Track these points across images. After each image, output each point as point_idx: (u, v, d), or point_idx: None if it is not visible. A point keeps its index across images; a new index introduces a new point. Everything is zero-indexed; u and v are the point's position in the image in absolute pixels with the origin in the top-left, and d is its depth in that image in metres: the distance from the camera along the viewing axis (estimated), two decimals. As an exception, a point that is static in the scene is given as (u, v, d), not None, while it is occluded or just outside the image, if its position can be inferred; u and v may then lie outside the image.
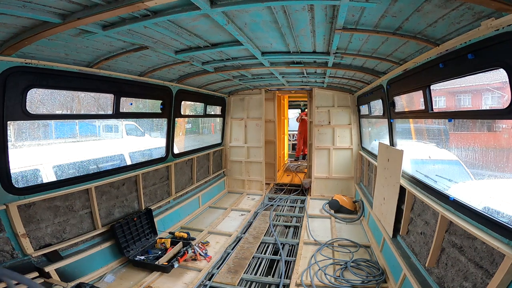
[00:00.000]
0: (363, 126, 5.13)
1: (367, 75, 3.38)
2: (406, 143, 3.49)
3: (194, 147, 4.91)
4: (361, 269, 2.89)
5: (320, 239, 3.59)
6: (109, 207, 3.04)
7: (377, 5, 1.56)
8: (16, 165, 3.84)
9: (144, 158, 6.76)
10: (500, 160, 2.46)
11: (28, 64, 2.07)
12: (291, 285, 2.65)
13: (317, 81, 4.71)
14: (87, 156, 5.62)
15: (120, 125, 8.17)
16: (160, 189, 3.92)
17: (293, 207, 5.05)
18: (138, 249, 3.08)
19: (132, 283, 2.64)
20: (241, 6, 1.63)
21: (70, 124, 7.34)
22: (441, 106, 3.27)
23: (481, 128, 2.70)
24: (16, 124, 4.94)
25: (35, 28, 1.70)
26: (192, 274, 2.83)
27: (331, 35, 2.16)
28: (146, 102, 6.79)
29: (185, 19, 1.88)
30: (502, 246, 1.39)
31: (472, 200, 1.88)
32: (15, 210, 2.12)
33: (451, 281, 1.85)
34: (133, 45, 2.28)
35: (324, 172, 5.49)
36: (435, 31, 1.75)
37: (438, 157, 3.57)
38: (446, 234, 1.99)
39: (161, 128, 7.66)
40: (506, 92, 1.45)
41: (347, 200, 4.60)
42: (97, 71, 2.60)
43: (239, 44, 2.37)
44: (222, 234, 3.81)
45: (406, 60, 2.44)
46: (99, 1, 1.50)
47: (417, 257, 2.40)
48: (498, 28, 1.35)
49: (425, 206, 2.35)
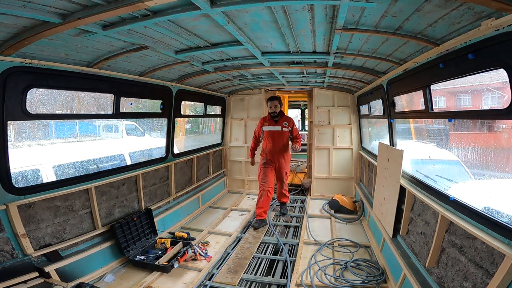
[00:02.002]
0: (363, 126, 5.13)
1: (367, 75, 3.38)
2: (406, 143, 3.50)
3: (194, 147, 4.91)
4: (361, 269, 2.89)
5: (320, 239, 3.59)
6: (109, 207, 3.04)
7: (377, 5, 1.56)
8: (16, 165, 3.85)
9: (144, 158, 6.76)
10: (500, 160, 2.46)
11: (28, 64, 2.07)
12: (291, 285, 2.65)
13: (317, 81, 4.71)
14: (87, 156, 5.63)
15: (120, 125, 8.18)
16: (160, 189, 3.92)
17: (293, 207, 5.05)
18: (138, 249, 3.08)
19: (132, 283, 2.64)
20: (241, 6, 1.63)
21: (70, 124, 7.35)
22: (441, 106, 3.28)
23: (481, 128, 2.70)
24: (16, 124, 4.95)
25: (35, 28, 1.70)
26: (192, 274, 2.83)
27: (331, 35, 2.16)
28: (146, 102, 6.81)
29: (185, 19, 1.88)
30: (502, 246, 1.39)
31: (472, 200, 1.88)
32: (15, 210, 2.12)
33: (451, 281, 1.85)
34: (133, 45, 2.28)
35: (324, 172, 5.49)
36: (435, 31, 1.75)
37: (438, 157, 3.58)
38: (446, 234, 1.99)
39: (161, 128, 7.68)
40: (506, 92, 1.45)
41: (347, 200, 4.60)
42: (97, 71, 2.60)
43: (239, 44, 2.37)
44: (222, 234, 3.81)
45: (406, 60, 2.44)
46: (99, 1, 1.50)
47: (417, 257, 2.40)
48: (498, 28, 1.35)
49: (425, 206, 2.35)
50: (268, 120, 4.37)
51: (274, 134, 4.30)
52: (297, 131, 4.43)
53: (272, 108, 4.27)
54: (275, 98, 4.31)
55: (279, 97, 4.37)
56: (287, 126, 4.32)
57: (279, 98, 4.34)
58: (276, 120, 4.32)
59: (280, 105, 4.31)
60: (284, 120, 4.33)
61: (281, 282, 2.77)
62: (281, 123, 4.31)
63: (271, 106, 4.27)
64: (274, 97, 4.32)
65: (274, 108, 4.26)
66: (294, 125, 4.43)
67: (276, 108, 4.27)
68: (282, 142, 4.31)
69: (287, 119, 4.38)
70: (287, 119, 4.38)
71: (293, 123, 4.42)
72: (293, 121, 4.44)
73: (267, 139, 4.36)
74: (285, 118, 4.37)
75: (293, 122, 4.44)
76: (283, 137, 4.32)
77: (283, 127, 4.30)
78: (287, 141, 4.38)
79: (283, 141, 4.32)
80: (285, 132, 4.31)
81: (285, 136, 4.33)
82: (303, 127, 10.96)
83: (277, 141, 4.28)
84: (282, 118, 4.34)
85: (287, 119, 4.38)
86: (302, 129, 11.03)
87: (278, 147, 4.28)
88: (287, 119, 4.38)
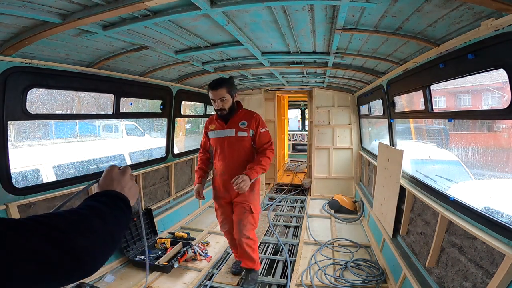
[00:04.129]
0: (363, 126, 5.13)
1: (367, 75, 3.38)
2: (406, 143, 3.50)
3: (194, 147, 4.91)
4: (361, 269, 2.89)
5: (320, 239, 3.59)
6: (109, 207, 3.03)
7: (377, 5, 1.56)
8: (16, 165, 3.85)
9: (144, 158, 6.76)
10: (500, 160, 2.46)
11: (28, 64, 2.07)
12: (291, 285, 2.65)
13: (317, 81, 4.71)
14: (87, 156, 5.62)
15: (120, 125, 8.17)
16: (160, 189, 3.92)
17: (293, 207, 5.05)
18: (138, 249, 3.08)
19: (132, 283, 2.64)
20: (241, 6, 1.63)
21: (70, 124, 7.35)
22: (441, 106, 3.28)
23: (481, 128, 2.71)
24: (16, 124, 4.95)
25: (35, 28, 1.70)
26: (192, 274, 2.83)
27: (331, 35, 2.16)
28: (146, 102, 6.80)
29: (185, 19, 1.88)
30: (502, 246, 1.40)
31: (472, 200, 1.88)
32: (15, 210, 2.12)
33: (451, 281, 1.85)
34: (133, 45, 2.28)
35: (324, 172, 5.49)
36: (435, 31, 1.76)
37: (438, 157, 3.58)
38: (446, 234, 1.99)
39: (161, 128, 7.68)
40: (506, 92, 1.45)
41: (347, 200, 4.60)
42: (97, 71, 2.60)
43: (239, 44, 2.37)
44: (222, 234, 3.79)
45: (406, 60, 2.44)
46: (99, 1, 1.50)
47: (417, 257, 2.40)
48: (498, 28, 1.35)
49: (425, 206, 2.35)
50: (215, 121, 2.53)
51: (224, 143, 2.46)
52: (265, 138, 2.47)
53: (217, 102, 2.35)
54: (220, 82, 2.33)
55: (228, 80, 2.41)
56: (246, 128, 2.43)
57: (228, 81, 2.39)
58: (227, 119, 2.47)
59: (231, 94, 2.38)
60: (241, 118, 2.46)
61: (281, 282, 2.77)
62: (235, 123, 2.44)
63: (214, 98, 2.34)
64: (219, 82, 2.33)
65: (221, 103, 2.35)
66: (262, 126, 2.48)
67: (225, 102, 2.34)
68: (239, 156, 2.44)
69: (248, 116, 2.48)
70: (247, 115, 2.49)
71: (259, 123, 2.48)
72: (259, 119, 2.50)
73: (216, 154, 2.56)
74: (244, 115, 2.49)
75: (259, 121, 2.49)
76: (241, 148, 2.45)
77: (238, 130, 2.43)
78: (251, 153, 2.49)
79: (240, 154, 2.45)
80: (243, 138, 2.44)
81: (244, 146, 2.45)
82: (303, 127, 10.94)
83: (231, 156, 2.45)
84: (238, 116, 2.47)
85: (247, 115, 2.49)
86: (302, 129, 11.01)
87: (232, 166, 2.44)
88: (247, 115, 2.49)
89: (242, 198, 2.48)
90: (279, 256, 3.28)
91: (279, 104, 7.04)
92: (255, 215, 2.52)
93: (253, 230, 2.55)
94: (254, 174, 2.28)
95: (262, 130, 2.47)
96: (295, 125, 12.36)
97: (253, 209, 2.49)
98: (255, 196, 2.54)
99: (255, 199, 2.53)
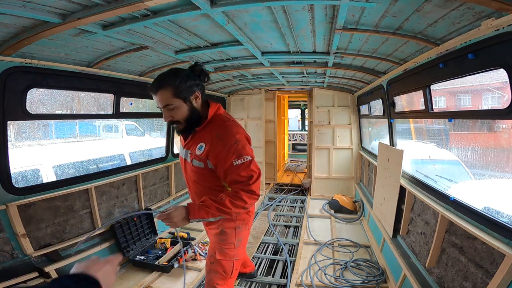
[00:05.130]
0: (363, 126, 5.13)
1: (367, 75, 3.38)
2: (406, 143, 3.50)
3: (194, 147, 4.90)
4: (361, 269, 2.89)
5: (320, 239, 3.59)
6: (109, 207, 3.04)
7: (377, 5, 1.56)
8: (16, 165, 3.85)
9: (144, 158, 6.76)
10: (500, 160, 2.46)
11: (28, 64, 2.07)
12: (291, 285, 2.65)
13: (317, 81, 4.71)
14: (87, 156, 5.62)
15: (120, 125, 8.18)
16: (160, 189, 3.92)
17: (293, 207, 5.05)
18: (138, 249, 3.08)
19: (132, 283, 2.64)
20: (241, 6, 1.62)
21: (70, 124, 7.35)
22: (441, 106, 3.27)
23: (481, 128, 2.70)
24: (16, 124, 4.95)
25: (35, 28, 1.70)
26: (192, 274, 2.83)
27: (331, 35, 2.16)
28: (146, 102, 6.79)
29: (185, 19, 1.88)
30: (502, 246, 1.39)
31: (472, 200, 1.88)
32: (15, 210, 2.12)
33: (451, 281, 1.85)
34: (133, 45, 2.28)
35: (324, 172, 5.49)
36: (435, 31, 1.75)
37: (438, 157, 3.57)
38: (446, 234, 1.99)
39: (161, 128, 7.66)
40: (506, 92, 1.45)
41: (347, 200, 4.60)
42: (97, 71, 2.60)
43: (239, 44, 2.37)
44: (222, 234, 3.80)
45: (406, 60, 2.44)
46: (99, 1, 1.50)
47: (417, 257, 2.40)
48: (498, 28, 1.35)
49: (425, 206, 2.35)
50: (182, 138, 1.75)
51: (185, 167, 1.74)
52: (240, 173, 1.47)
53: (164, 112, 1.51)
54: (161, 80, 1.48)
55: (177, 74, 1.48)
56: (202, 155, 1.55)
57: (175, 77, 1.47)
58: (187, 136, 1.68)
59: (184, 96, 1.47)
60: (205, 135, 1.57)
61: (281, 282, 2.77)
62: (195, 143, 1.60)
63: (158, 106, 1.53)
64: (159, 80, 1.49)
65: (169, 113, 1.49)
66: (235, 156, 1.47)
67: (174, 111, 1.48)
68: (203, 191, 1.64)
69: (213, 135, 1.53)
70: (213, 132, 1.54)
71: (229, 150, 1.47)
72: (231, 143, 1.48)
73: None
74: (211, 131, 1.55)
75: (231, 147, 1.47)
76: (202, 181, 1.66)
77: (193, 158, 1.60)
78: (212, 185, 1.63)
79: (204, 189, 1.65)
80: (201, 170, 1.61)
81: (207, 179, 1.63)
82: (303, 127, 10.93)
83: (193, 187, 1.74)
84: (205, 130, 1.59)
85: (213, 132, 1.54)
86: (302, 129, 11.00)
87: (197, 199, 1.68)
88: (213, 132, 1.54)
89: (212, 237, 1.82)
90: (279, 256, 3.28)
91: (279, 104, 7.04)
92: (224, 262, 1.74)
93: (221, 280, 1.76)
94: (202, 213, 1.47)
95: (237, 162, 1.46)
96: (295, 125, 12.35)
97: (218, 256, 1.74)
98: (227, 238, 1.73)
99: (225, 241, 1.74)
